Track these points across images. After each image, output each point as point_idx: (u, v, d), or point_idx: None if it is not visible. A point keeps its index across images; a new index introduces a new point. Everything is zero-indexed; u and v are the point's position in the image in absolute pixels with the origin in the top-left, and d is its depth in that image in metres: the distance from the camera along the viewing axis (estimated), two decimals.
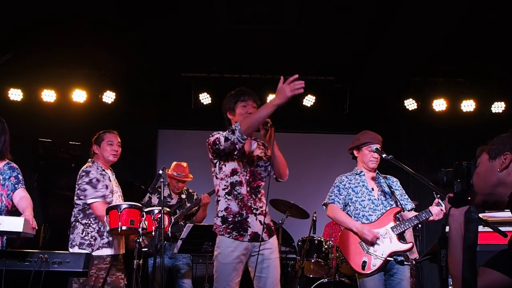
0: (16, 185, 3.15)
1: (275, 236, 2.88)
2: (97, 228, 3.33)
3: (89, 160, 3.54)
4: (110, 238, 3.35)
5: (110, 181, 3.49)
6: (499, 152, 1.43)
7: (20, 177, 3.19)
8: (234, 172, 2.82)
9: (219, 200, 2.84)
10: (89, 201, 3.33)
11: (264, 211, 2.82)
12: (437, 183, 1.61)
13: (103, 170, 3.48)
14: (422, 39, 5.15)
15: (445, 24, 4.88)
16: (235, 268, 2.70)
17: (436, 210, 2.97)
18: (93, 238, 3.31)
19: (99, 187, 3.36)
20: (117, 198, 3.50)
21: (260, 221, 2.78)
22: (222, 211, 2.80)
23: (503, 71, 5.85)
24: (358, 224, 3.08)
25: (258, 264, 2.73)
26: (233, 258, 2.70)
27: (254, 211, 2.77)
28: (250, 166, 2.85)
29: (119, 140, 3.59)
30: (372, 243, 3.00)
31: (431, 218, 3.00)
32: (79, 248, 3.27)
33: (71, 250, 3.30)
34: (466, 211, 1.41)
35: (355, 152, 3.31)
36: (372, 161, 3.19)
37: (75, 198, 3.42)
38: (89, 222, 3.35)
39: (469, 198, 1.48)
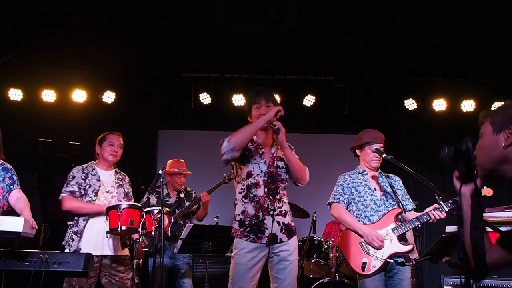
0: (11, 186, 3.16)
1: (295, 237, 2.84)
2: (76, 229, 3.38)
3: (90, 162, 3.62)
4: (93, 239, 3.35)
5: (98, 180, 3.51)
6: (503, 125, 1.35)
7: (15, 177, 3.20)
8: (249, 174, 2.82)
9: (236, 203, 2.85)
10: (59, 197, 3.44)
11: (283, 211, 2.81)
12: (442, 163, 1.58)
13: (93, 169, 3.54)
14: (422, 39, 5.15)
15: (445, 24, 4.88)
16: (251, 269, 2.69)
17: (436, 215, 2.95)
18: (72, 238, 3.38)
19: (72, 183, 3.45)
20: (108, 199, 3.50)
21: (278, 222, 2.76)
22: (239, 214, 2.81)
23: (503, 71, 5.85)
24: (366, 228, 3.04)
25: (276, 265, 2.73)
26: (248, 259, 2.70)
27: (272, 212, 2.75)
28: (270, 167, 2.83)
29: (122, 142, 3.64)
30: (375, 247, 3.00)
31: (430, 220, 2.99)
32: (66, 248, 3.36)
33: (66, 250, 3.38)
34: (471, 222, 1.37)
35: (357, 151, 3.30)
36: (374, 160, 3.19)
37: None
38: (72, 223, 3.44)
39: (475, 172, 1.45)
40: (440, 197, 2.89)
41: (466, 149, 1.45)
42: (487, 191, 3.07)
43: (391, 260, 2.98)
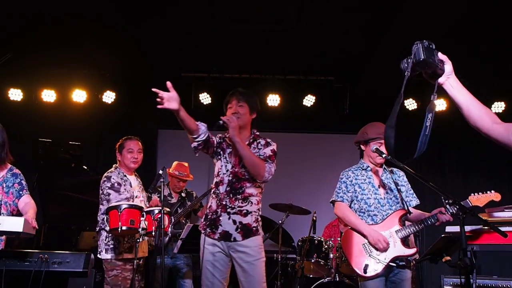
0: (21, 192, 3.19)
1: (255, 238, 2.79)
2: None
3: (114, 165, 3.68)
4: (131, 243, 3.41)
5: (131, 186, 3.59)
6: None
7: (24, 183, 3.23)
8: (218, 173, 2.91)
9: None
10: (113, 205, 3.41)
11: (244, 211, 2.79)
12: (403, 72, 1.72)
13: (125, 175, 3.60)
14: (422, 38, 5.14)
15: (445, 24, 4.88)
16: (212, 264, 2.74)
17: (443, 218, 2.88)
18: (115, 242, 3.40)
19: (122, 191, 3.49)
20: (138, 203, 3.52)
21: (234, 220, 2.76)
22: (207, 209, 2.91)
23: (503, 71, 5.84)
24: (371, 229, 2.98)
25: (237, 267, 2.77)
26: (208, 253, 2.75)
27: (229, 210, 2.78)
28: (234, 166, 2.86)
29: (140, 146, 3.72)
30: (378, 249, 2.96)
31: (437, 223, 2.92)
32: (105, 254, 3.39)
33: (99, 256, 3.41)
34: None
35: (362, 146, 3.22)
36: (379, 157, 3.09)
37: (100, 203, 3.53)
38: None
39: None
40: (446, 201, 2.80)
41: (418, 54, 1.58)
42: (494, 196, 3.02)
43: (393, 264, 2.93)
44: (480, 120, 1.64)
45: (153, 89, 2.59)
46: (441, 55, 1.76)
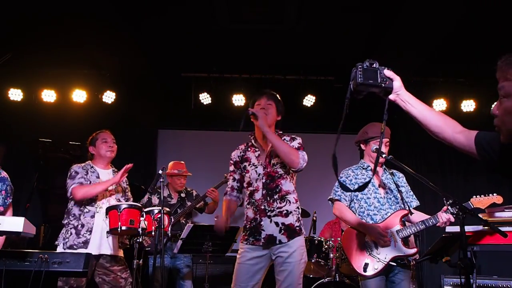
0: (6, 200, 3.21)
1: (299, 238, 2.79)
2: (73, 228, 3.38)
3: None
4: (88, 237, 3.35)
5: (98, 178, 3.52)
6: None
7: (9, 189, 3.23)
8: (249, 184, 2.88)
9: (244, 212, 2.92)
10: (68, 192, 3.41)
11: (284, 212, 2.78)
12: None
13: (92, 167, 3.55)
14: (422, 38, 5.15)
15: (445, 24, 4.88)
16: (249, 270, 2.72)
17: (445, 218, 2.88)
18: (70, 233, 3.37)
19: (78, 177, 3.44)
20: (107, 197, 3.50)
21: (276, 223, 2.75)
22: (244, 220, 2.88)
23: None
24: (370, 227, 2.96)
25: (276, 266, 2.74)
26: (246, 259, 2.73)
27: (269, 213, 2.76)
28: (266, 167, 2.85)
29: (113, 137, 3.66)
30: (377, 245, 2.95)
31: (438, 224, 2.90)
32: (63, 248, 3.34)
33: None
34: None
35: (362, 146, 3.23)
36: None
37: None
38: (68, 221, 3.43)
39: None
40: (448, 202, 2.80)
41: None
42: (496, 199, 3.02)
43: (394, 264, 2.93)
44: (441, 133, 1.57)
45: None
46: (387, 72, 1.69)
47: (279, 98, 3.04)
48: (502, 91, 1.24)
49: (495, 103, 1.29)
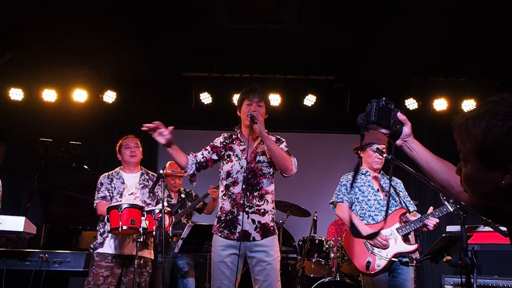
0: None
1: (273, 237, 2.79)
2: (103, 230, 3.47)
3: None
4: (111, 238, 3.40)
5: (123, 183, 3.61)
6: (495, 158, 1.01)
7: None
8: (228, 174, 2.84)
9: (218, 202, 2.87)
10: (94, 205, 3.57)
11: (262, 210, 2.77)
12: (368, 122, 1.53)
13: (118, 174, 3.66)
14: (422, 38, 5.14)
15: (446, 24, 4.87)
16: (228, 266, 2.70)
17: (431, 224, 2.97)
18: (96, 238, 3.44)
19: (102, 189, 3.56)
20: (131, 200, 3.56)
21: (252, 220, 2.74)
22: (218, 211, 2.85)
23: (503, 71, 5.84)
24: (370, 231, 2.99)
25: (254, 266, 2.73)
26: (224, 256, 2.70)
27: (247, 209, 2.74)
28: (250, 163, 2.82)
29: (137, 141, 3.81)
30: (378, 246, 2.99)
31: (424, 229, 3.01)
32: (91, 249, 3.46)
33: None
34: None
35: (360, 153, 3.28)
36: (376, 162, 3.18)
37: None
38: (101, 225, 3.55)
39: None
40: (444, 198, 2.85)
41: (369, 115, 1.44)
42: None
43: (396, 260, 2.98)
44: (447, 188, 1.47)
45: (143, 127, 2.75)
46: (400, 116, 1.57)
47: (267, 94, 3.03)
48: (461, 155, 1.16)
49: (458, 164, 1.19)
